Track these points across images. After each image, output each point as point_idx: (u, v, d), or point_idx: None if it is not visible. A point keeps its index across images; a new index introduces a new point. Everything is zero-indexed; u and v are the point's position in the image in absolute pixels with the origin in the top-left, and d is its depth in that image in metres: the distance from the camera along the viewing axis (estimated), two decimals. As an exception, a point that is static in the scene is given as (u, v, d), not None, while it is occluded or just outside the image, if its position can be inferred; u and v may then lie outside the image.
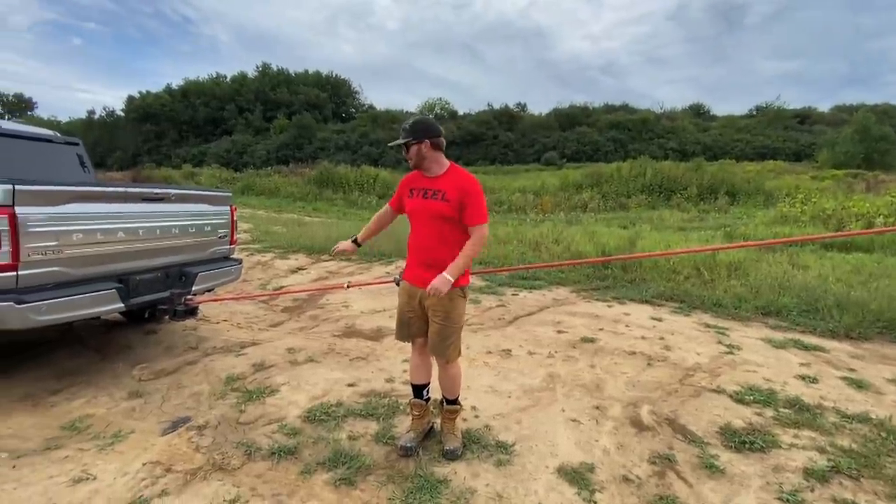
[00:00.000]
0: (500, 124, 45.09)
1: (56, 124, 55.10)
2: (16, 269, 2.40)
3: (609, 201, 16.80)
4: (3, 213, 2.34)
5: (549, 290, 5.88)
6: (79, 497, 1.93)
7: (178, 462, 2.19)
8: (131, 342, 3.74)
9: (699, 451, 2.42)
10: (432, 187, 2.25)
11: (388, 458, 2.27)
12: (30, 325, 2.43)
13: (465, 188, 2.20)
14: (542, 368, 3.41)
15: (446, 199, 2.20)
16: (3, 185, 2.35)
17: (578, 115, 46.35)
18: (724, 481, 2.20)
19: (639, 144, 39.43)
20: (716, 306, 5.09)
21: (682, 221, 12.47)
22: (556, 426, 2.61)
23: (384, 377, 3.20)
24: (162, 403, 2.76)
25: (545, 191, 18.68)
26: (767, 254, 7.01)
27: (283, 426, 2.53)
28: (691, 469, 2.29)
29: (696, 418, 2.76)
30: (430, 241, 2.26)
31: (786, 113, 45.61)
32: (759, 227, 9.90)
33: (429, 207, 2.23)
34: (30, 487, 1.98)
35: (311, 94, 52.77)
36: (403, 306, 2.36)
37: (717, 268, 6.14)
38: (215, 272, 3.55)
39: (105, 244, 2.79)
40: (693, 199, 16.56)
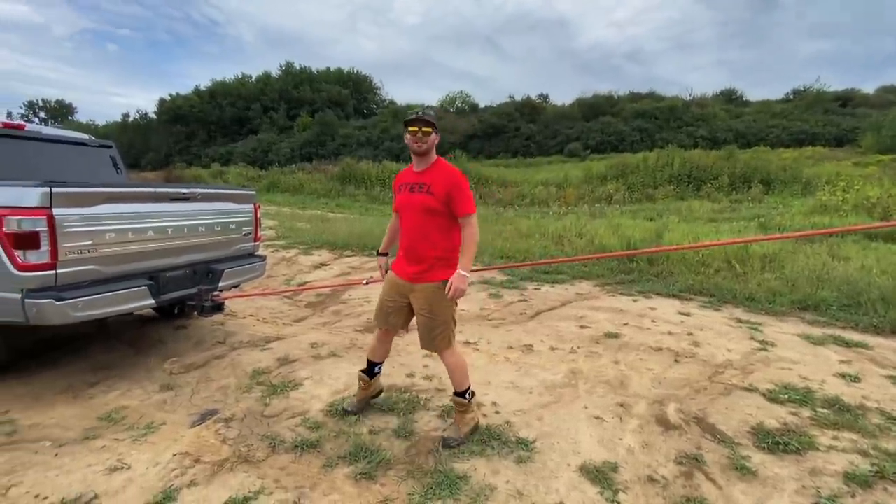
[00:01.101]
0: (522, 116, 44.46)
1: (94, 128, 57.61)
2: (54, 267, 2.52)
3: (635, 193, 16.38)
4: (41, 214, 2.45)
5: (571, 284, 5.79)
6: (115, 485, 2.02)
7: (206, 453, 2.26)
8: (163, 337, 3.88)
9: (729, 452, 2.34)
10: (419, 181, 2.29)
11: (408, 452, 2.28)
12: (68, 320, 2.54)
13: (450, 180, 2.23)
14: (565, 364, 3.36)
15: (431, 192, 2.23)
16: (40, 189, 2.45)
17: (603, 105, 45.23)
18: (756, 484, 2.12)
19: (666, 133, 38.21)
20: (748, 301, 4.90)
21: (713, 212, 12.04)
22: (578, 423, 2.57)
23: (404, 372, 3.22)
24: (191, 396, 2.85)
25: (568, 183, 18.35)
26: (805, 245, 6.70)
27: (306, 420, 2.58)
28: (721, 470, 2.22)
29: (727, 417, 2.67)
30: (414, 235, 2.30)
31: (826, 96, 43.27)
32: (796, 217, 9.47)
33: (415, 201, 2.27)
34: (71, 475, 2.08)
35: (333, 91, 53.32)
36: (385, 296, 2.43)
37: (749, 260, 5.91)
38: (241, 269, 3.64)
39: (136, 243, 2.89)
40: (724, 188, 15.95)
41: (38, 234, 2.45)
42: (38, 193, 2.45)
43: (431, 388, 2.97)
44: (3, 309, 2.53)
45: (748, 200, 14.23)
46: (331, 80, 55.59)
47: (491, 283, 5.80)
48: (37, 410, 2.65)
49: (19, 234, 2.43)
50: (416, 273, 2.29)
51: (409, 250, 2.33)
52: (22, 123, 4.02)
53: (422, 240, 2.27)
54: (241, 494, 1.96)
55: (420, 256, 2.28)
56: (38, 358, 3.36)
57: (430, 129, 2.24)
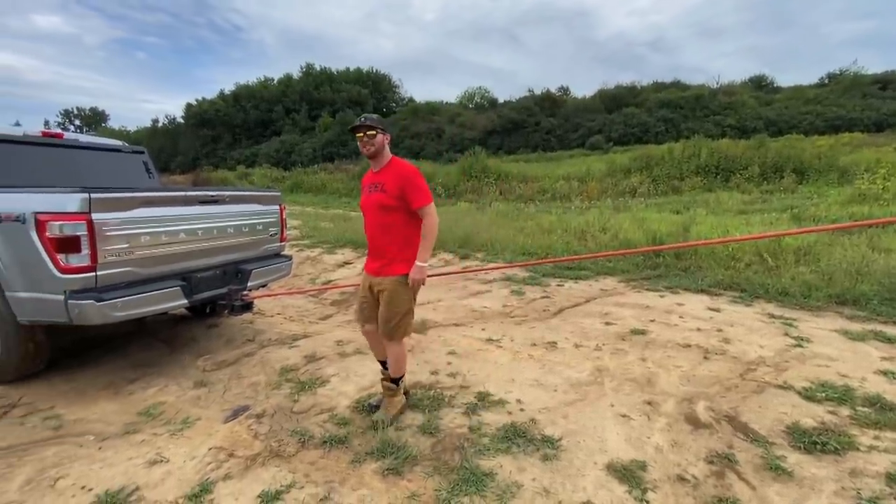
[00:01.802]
0: (542, 110, 43.91)
1: (126, 134, 59.75)
2: (94, 269, 2.64)
3: (660, 185, 15.98)
4: (81, 219, 2.57)
5: (595, 280, 5.71)
6: (154, 478, 2.11)
7: (240, 448, 2.33)
8: (195, 335, 4.01)
9: (763, 452, 2.28)
10: (375, 181, 2.44)
11: (433, 449, 2.30)
12: (108, 320, 2.66)
13: (401, 175, 2.36)
14: (590, 362, 3.33)
15: (384, 189, 2.37)
16: (80, 195, 2.57)
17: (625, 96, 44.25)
18: (791, 484, 2.06)
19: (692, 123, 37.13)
20: (781, 295, 4.74)
21: (743, 204, 11.64)
22: (604, 421, 2.55)
23: (429, 369, 3.24)
24: (224, 393, 2.95)
25: (591, 177, 18.03)
26: (842, 236, 6.41)
27: (334, 416, 2.63)
28: (754, 470, 2.16)
29: (760, 416, 2.59)
30: (374, 232, 2.46)
31: (864, 79, 41.17)
32: (832, 208, 9.08)
33: (372, 200, 2.42)
34: (113, 468, 2.19)
35: (352, 91, 53.79)
36: (360, 292, 2.63)
37: (782, 253, 5.71)
38: (268, 269, 3.73)
39: (169, 245, 3.00)
40: (755, 179, 15.41)
41: (79, 238, 2.57)
42: (78, 199, 2.57)
43: (456, 386, 2.99)
44: (48, 309, 2.67)
45: (780, 191, 13.72)
46: (350, 80, 56.11)
47: (513, 280, 5.77)
48: (80, 406, 2.79)
49: (61, 239, 2.56)
50: (379, 267, 2.46)
51: (372, 247, 2.50)
52: (60, 132, 4.22)
53: (381, 236, 2.43)
54: (274, 488, 2.02)
55: (380, 251, 2.45)
56: (81, 356, 3.52)
57: (374, 131, 2.36)
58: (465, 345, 3.68)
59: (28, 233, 2.60)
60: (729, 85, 45.91)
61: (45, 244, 2.57)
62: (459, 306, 4.79)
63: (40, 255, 2.58)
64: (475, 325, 4.19)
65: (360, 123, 2.39)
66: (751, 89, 44.77)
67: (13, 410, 2.73)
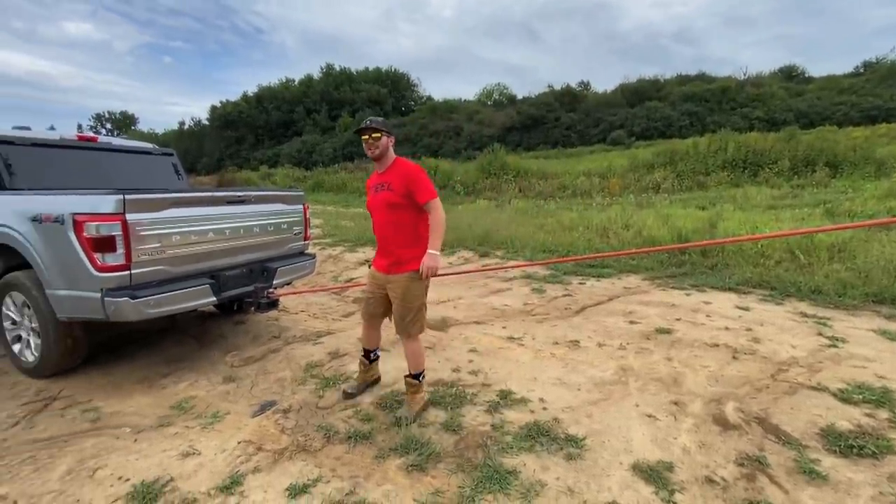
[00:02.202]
0: (562, 105, 43.35)
1: (154, 136, 61.59)
2: (129, 268, 2.74)
3: (685, 180, 15.60)
4: (116, 220, 2.67)
5: (618, 278, 5.63)
6: (187, 469, 2.18)
7: (267, 442, 2.39)
8: (223, 332, 4.12)
9: (796, 454, 2.21)
10: (382, 181, 2.51)
11: (456, 446, 2.31)
12: (142, 317, 2.76)
13: (405, 174, 2.45)
14: (614, 361, 3.29)
15: (391, 188, 2.45)
16: (115, 196, 2.67)
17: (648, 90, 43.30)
18: (826, 489, 2.00)
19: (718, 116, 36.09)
20: (814, 293, 4.58)
21: (772, 199, 11.27)
22: (629, 421, 2.51)
23: (450, 367, 3.25)
24: (251, 388, 3.02)
25: (612, 173, 17.71)
26: (880, 233, 6.15)
27: (358, 412, 2.67)
28: (786, 473, 2.10)
29: (792, 418, 2.52)
30: (383, 230, 2.52)
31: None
32: (868, 202, 8.70)
33: (380, 199, 2.50)
34: (148, 459, 2.27)
35: (371, 90, 54.16)
36: (367, 288, 2.69)
37: (815, 250, 5.51)
38: (292, 267, 3.80)
39: (198, 244, 3.08)
40: (785, 173, 14.89)
41: (115, 238, 2.67)
42: (113, 200, 2.67)
43: (477, 384, 2.99)
44: (86, 306, 2.78)
45: (812, 185, 13.22)
46: (369, 80, 56.50)
47: (533, 278, 5.74)
48: (117, 399, 2.90)
49: (98, 239, 2.66)
50: (389, 265, 2.51)
51: (381, 245, 2.56)
52: (95, 136, 4.38)
53: (390, 234, 2.49)
54: (301, 482, 2.06)
55: (390, 249, 2.50)
56: (116, 351, 3.66)
57: (379, 133, 2.45)
58: (486, 343, 3.68)
59: (67, 233, 2.71)
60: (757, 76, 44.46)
61: (82, 244, 2.68)
62: (480, 304, 4.79)
63: (78, 254, 2.69)
64: (496, 323, 4.18)
65: (365, 126, 2.46)
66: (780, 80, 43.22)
67: (54, 403, 2.86)
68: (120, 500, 1.98)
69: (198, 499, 1.98)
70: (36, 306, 3.00)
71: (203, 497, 1.99)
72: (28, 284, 3.01)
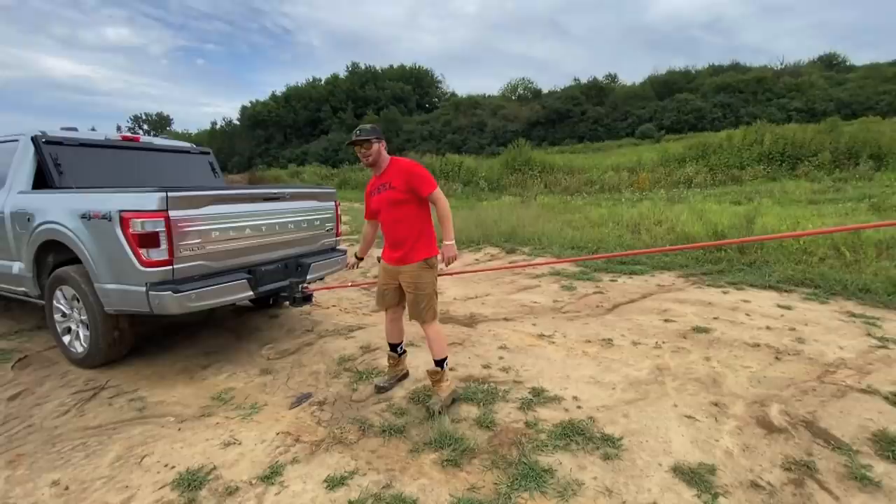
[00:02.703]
0: (589, 99, 42.57)
1: (188, 136, 63.67)
2: (172, 263, 2.83)
3: (718, 175, 15.07)
4: (160, 216, 2.76)
5: (651, 275, 5.48)
6: (229, 458, 2.24)
7: (305, 433, 2.43)
8: (259, 325, 4.23)
9: (846, 460, 2.11)
10: (383, 181, 2.64)
11: (490, 442, 2.30)
12: (184, 310, 2.85)
13: (405, 171, 2.57)
14: (649, 360, 3.20)
15: (393, 186, 2.57)
16: (158, 194, 2.76)
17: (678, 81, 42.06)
18: (879, 496, 1.90)
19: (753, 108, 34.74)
20: (862, 292, 4.35)
21: (812, 193, 10.77)
22: (668, 422, 2.44)
23: (480, 363, 3.24)
24: (287, 380, 3.08)
25: (642, 167, 17.28)
26: (933, 228, 5.78)
27: (391, 406, 2.69)
28: (837, 479, 2.00)
29: (841, 422, 2.40)
30: (391, 226, 2.64)
31: (956, 53, 36.77)
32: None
33: (383, 199, 2.62)
34: (192, 447, 2.35)
35: (395, 87, 54.49)
36: (381, 281, 2.78)
37: (862, 246, 5.23)
38: (325, 262, 3.86)
39: (236, 240, 3.16)
40: (826, 166, 14.20)
41: (158, 234, 2.76)
42: (156, 198, 2.76)
43: (509, 381, 2.97)
44: (132, 300, 2.89)
45: (855, 179, 12.56)
46: (394, 78, 56.83)
47: (563, 275, 5.65)
48: (161, 389, 3.01)
49: (143, 235, 2.76)
50: (400, 257, 2.63)
51: (391, 239, 2.67)
52: (137, 136, 4.54)
53: (397, 228, 2.61)
54: (339, 473, 2.09)
55: (399, 242, 2.62)
56: (159, 343, 3.80)
57: (368, 142, 2.56)
58: (515, 340, 3.65)
59: (114, 229, 2.82)
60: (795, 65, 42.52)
61: (128, 240, 2.78)
62: (508, 301, 4.75)
63: (124, 249, 2.80)
64: (525, 319, 4.14)
65: (355, 139, 2.56)
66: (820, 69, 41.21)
67: (102, 392, 2.99)
68: (167, 487, 2.06)
69: (240, 487, 2.04)
70: (85, 300, 3.14)
71: (245, 486, 2.05)
72: (77, 279, 3.15)
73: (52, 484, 2.10)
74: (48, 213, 3.23)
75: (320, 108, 55.99)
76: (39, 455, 2.32)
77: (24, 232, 3.41)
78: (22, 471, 2.20)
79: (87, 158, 3.86)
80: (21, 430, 2.56)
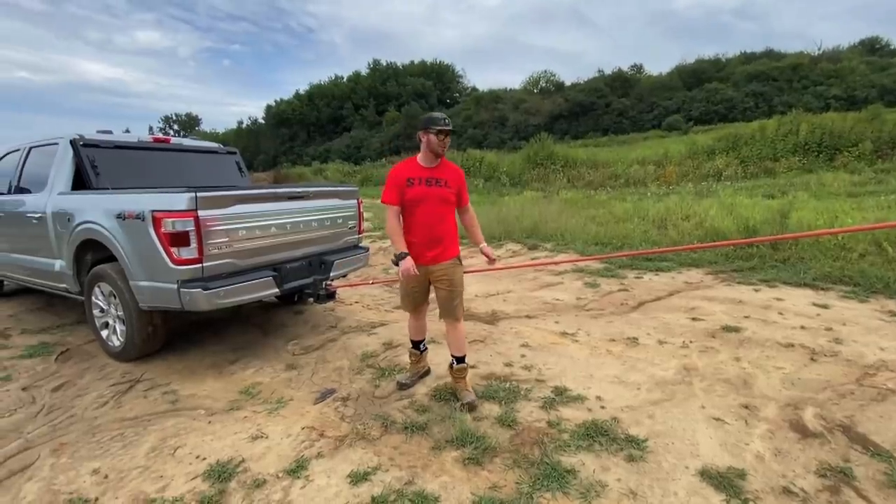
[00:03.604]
0: (613, 90, 41.62)
1: (215, 135, 65.38)
2: (201, 261, 2.92)
3: (749, 167, 14.57)
4: (189, 216, 2.85)
5: (678, 272, 5.35)
6: (257, 451, 2.31)
7: (329, 429, 2.48)
8: (284, 321, 4.32)
9: (886, 467, 2.02)
10: (433, 176, 2.60)
11: (512, 441, 2.30)
12: (213, 307, 2.94)
13: (460, 177, 2.70)
14: (676, 359, 3.13)
15: (448, 185, 2.61)
16: (188, 194, 2.84)
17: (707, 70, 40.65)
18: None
19: (788, 96, 33.29)
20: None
21: (852, 185, 10.28)
22: (695, 424, 2.39)
23: (502, 361, 3.23)
24: (312, 376, 3.15)
25: (669, 160, 16.82)
26: None
27: (413, 402, 2.71)
28: (876, 487, 1.92)
29: (882, 427, 2.30)
30: (434, 222, 2.60)
31: None
32: (970, 188, 7.72)
33: (434, 194, 2.58)
34: (222, 440, 2.43)
35: (417, 84, 54.51)
36: (411, 281, 2.66)
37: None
38: (348, 259, 3.92)
39: (262, 238, 3.24)
40: (867, 156, 13.53)
41: (188, 233, 2.85)
42: (186, 198, 2.84)
43: (531, 379, 2.95)
44: (164, 297, 3.00)
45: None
46: (415, 73, 56.85)
47: (586, 272, 5.57)
48: (192, 383, 3.11)
49: (174, 234, 2.85)
50: (436, 254, 2.62)
51: (430, 236, 2.61)
52: (168, 137, 4.69)
53: (440, 225, 2.62)
54: (362, 469, 2.12)
55: (439, 239, 2.62)
56: (189, 338, 3.93)
57: (453, 133, 2.61)
58: (538, 338, 3.62)
59: (147, 229, 2.93)
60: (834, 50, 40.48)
61: (160, 239, 2.88)
62: (530, 298, 4.72)
63: (157, 248, 2.90)
64: (548, 317, 4.10)
65: (449, 127, 2.56)
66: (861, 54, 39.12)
67: (137, 385, 3.12)
68: (199, 478, 2.13)
69: (267, 480, 2.09)
70: (121, 296, 3.28)
71: (272, 479, 2.10)
72: (114, 276, 3.29)
73: (92, 472, 2.20)
74: (86, 213, 3.37)
75: (343, 106, 56.56)
76: (81, 444, 2.44)
77: (64, 231, 3.58)
78: (65, 459, 2.32)
79: (122, 160, 4.02)
80: (64, 419, 2.70)
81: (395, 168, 2.65)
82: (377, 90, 55.88)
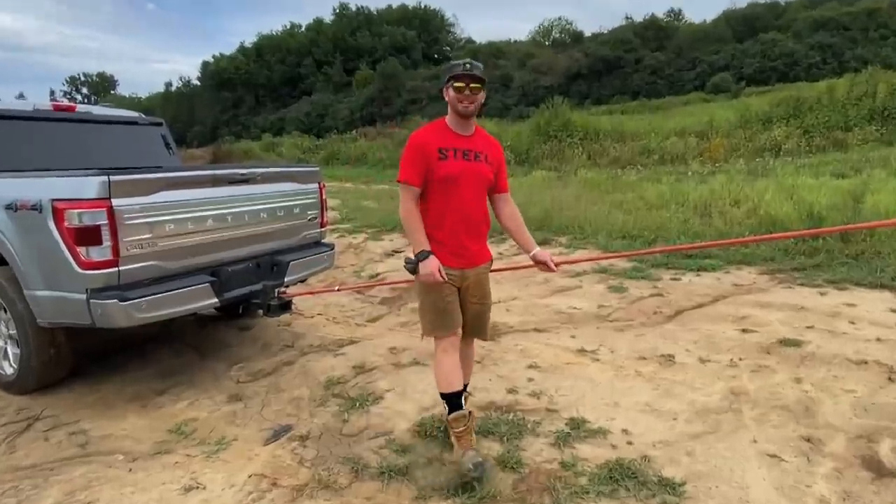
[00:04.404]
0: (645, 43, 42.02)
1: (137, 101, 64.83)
2: (117, 265, 2.89)
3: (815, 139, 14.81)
4: (101, 206, 2.81)
5: (726, 271, 5.46)
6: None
7: (284, 476, 2.49)
8: (227, 339, 4.32)
9: (981, 513, 2.08)
10: (471, 148, 2.40)
11: (516, 488, 2.32)
12: (133, 322, 2.93)
13: (500, 151, 2.57)
14: (721, 382, 3.20)
15: (489, 161, 2.45)
16: (98, 178, 2.81)
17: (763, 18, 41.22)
18: None
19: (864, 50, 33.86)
20: None
21: (943, 161, 10.49)
22: (744, 462, 2.44)
23: (505, 387, 3.26)
24: (262, 409, 3.15)
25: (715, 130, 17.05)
26: None
27: (391, 441, 2.73)
28: (967, 538, 1.97)
29: (976, 463, 2.36)
30: (476, 207, 2.44)
31: None
32: None
33: (475, 171, 2.40)
34: (146, 493, 2.42)
35: (396, 34, 54.50)
36: (444, 291, 2.37)
37: None
38: (307, 260, 3.92)
39: (195, 234, 3.22)
40: (963, 125, 13.80)
41: (100, 228, 2.82)
42: (96, 183, 2.80)
43: (540, 409, 2.99)
44: (69, 310, 2.97)
45: None
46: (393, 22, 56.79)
47: (610, 272, 5.64)
48: (107, 420, 3.10)
49: (81, 229, 2.81)
50: (475, 253, 2.48)
51: (473, 228, 2.45)
52: (73, 105, 4.65)
53: (481, 213, 2.47)
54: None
55: (480, 232, 2.51)
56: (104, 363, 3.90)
57: (480, 85, 2.31)
58: (549, 356, 3.67)
59: (46, 223, 2.88)
60: (921, -8, 41.08)
61: (63, 235, 2.84)
62: (540, 306, 4.76)
63: (59, 247, 2.86)
64: (562, 330, 4.15)
65: (468, 71, 2.26)
66: (955, -4, 39.83)
67: (36, 424, 3.09)
68: (116, 541, 2.13)
69: (204, 543, 2.10)
70: (13, 310, 3.23)
71: (210, 541, 2.10)
72: (4, 284, 3.24)
73: (-24, 539, 2.19)
74: (-36, 203, 3.32)
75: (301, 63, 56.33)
76: (-41, 503, 2.41)
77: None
78: (-60, 522, 2.30)
79: (13, 134, 3.97)
80: (-63, 471, 2.67)
81: (419, 134, 2.44)
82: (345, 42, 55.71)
